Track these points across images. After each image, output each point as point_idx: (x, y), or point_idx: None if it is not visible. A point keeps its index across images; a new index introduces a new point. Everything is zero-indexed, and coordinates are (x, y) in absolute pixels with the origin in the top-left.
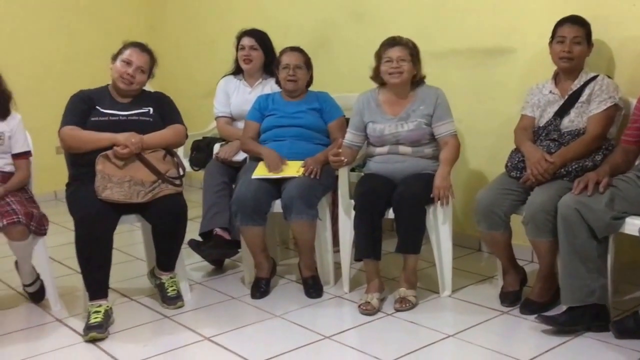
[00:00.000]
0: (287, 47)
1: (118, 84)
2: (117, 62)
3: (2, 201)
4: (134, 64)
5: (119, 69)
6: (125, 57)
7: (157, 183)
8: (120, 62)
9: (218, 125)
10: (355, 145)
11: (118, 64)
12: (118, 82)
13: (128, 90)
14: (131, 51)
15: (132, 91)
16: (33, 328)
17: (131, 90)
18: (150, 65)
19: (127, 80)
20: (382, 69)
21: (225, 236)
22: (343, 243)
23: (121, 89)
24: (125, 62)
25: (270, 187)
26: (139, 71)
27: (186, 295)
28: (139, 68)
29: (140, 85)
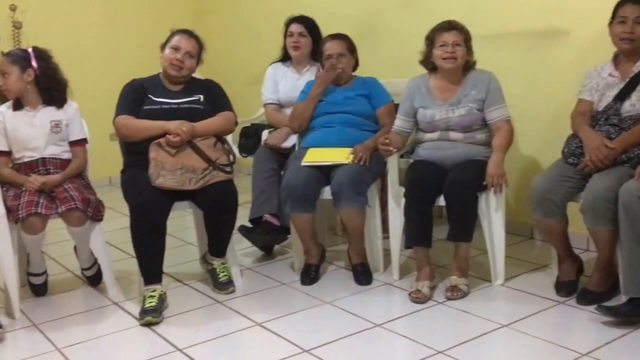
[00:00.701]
0: (327, 36)
1: (168, 71)
2: (165, 50)
3: (60, 188)
4: (182, 50)
5: (168, 56)
6: (174, 44)
7: (208, 170)
8: (169, 49)
9: (266, 112)
10: (404, 131)
11: (167, 51)
12: (168, 69)
13: (178, 76)
14: (179, 37)
15: (182, 77)
16: (91, 311)
17: (181, 76)
18: (198, 51)
19: (176, 66)
20: (436, 54)
21: (275, 222)
22: (393, 230)
23: (172, 76)
24: (174, 49)
25: (319, 174)
26: (187, 56)
27: (237, 280)
28: (188, 53)
29: (190, 70)
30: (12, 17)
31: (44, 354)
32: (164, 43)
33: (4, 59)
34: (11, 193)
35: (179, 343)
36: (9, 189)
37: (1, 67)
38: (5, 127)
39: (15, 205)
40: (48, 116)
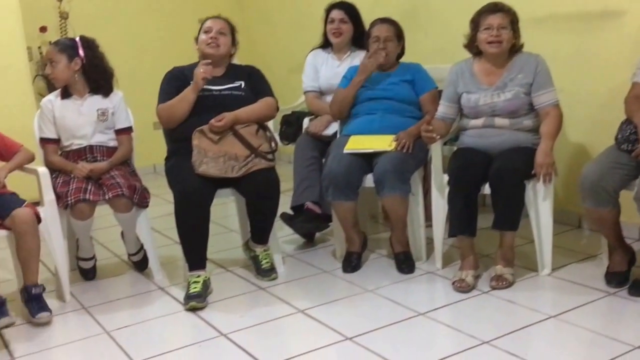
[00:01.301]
0: (377, 19)
1: (207, 51)
2: (200, 35)
3: (107, 175)
4: (213, 29)
5: (202, 39)
6: (205, 28)
7: (251, 158)
8: (202, 34)
9: (307, 99)
10: (448, 117)
11: (201, 36)
12: (206, 50)
13: (217, 54)
14: (208, 22)
15: (221, 56)
16: (137, 295)
17: (219, 54)
18: (230, 29)
19: (213, 44)
20: (480, 37)
21: (316, 210)
22: (436, 218)
23: (211, 55)
24: (206, 32)
25: (361, 161)
26: (219, 34)
27: (279, 267)
28: (219, 31)
29: (226, 47)
30: (59, 7)
31: (94, 337)
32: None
33: (52, 48)
34: (60, 180)
35: (223, 328)
36: (58, 176)
37: (49, 56)
38: (54, 115)
39: (64, 192)
40: (95, 104)
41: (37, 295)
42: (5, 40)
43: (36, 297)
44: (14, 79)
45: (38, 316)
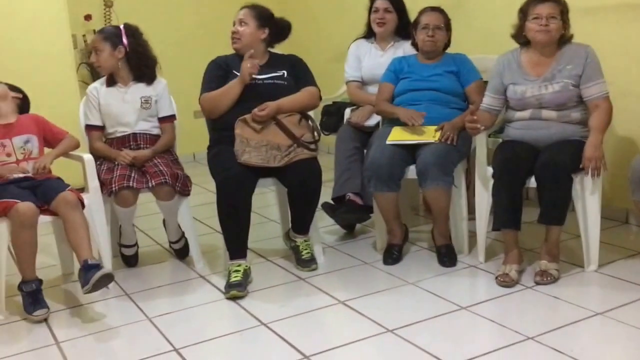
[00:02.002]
0: (427, 7)
1: (234, 47)
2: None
3: (150, 163)
4: (236, 23)
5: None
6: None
7: (293, 147)
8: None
9: (349, 89)
10: (493, 109)
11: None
12: (232, 46)
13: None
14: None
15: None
16: (178, 283)
17: (243, 46)
18: (253, 15)
19: (234, 39)
20: (528, 26)
21: (358, 201)
22: (479, 211)
23: (236, 50)
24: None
25: (404, 152)
26: (240, 25)
27: (319, 258)
28: (239, 21)
29: (248, 37)
30: None
31: (136, 323)
32: None
33: (96, 37)
34: (104, 167)
35: (263, 317)
36: (103, 163)
37: (94, 44)
38: (99, 102)
39: (108, 179)
40: (138, 92)
41: (94, 265)
42: (50, 29)
43: (94, 266)
44: (59, 67)
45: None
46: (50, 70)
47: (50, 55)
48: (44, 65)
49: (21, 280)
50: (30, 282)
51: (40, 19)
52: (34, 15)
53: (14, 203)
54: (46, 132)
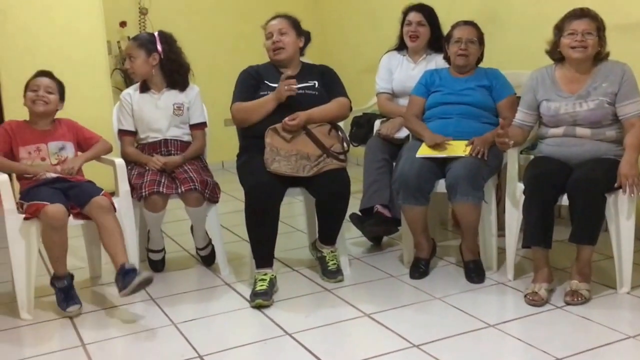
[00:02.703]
0: (460, 21)
1: (273, 58)
2: (265, 42)
3: (180, 169)
4: (274, 33)
5: (268, 46)
6: (267, 33)
7: (322, 157)
8: (266, 40)
9: (379, 101)
10: (526, 125)
11: (266, 43)
12: (273, 57)
13: (284, 58)
14: (268, 26)
15: (289, 58)
16: (204, 290)
17: (287, 56)
18: (291, 25)
19: (277, 49)
20: (564, 42)
21: (386, 213)
22: (509, 228)
23: (279, 60)
24: (268, 37)
25: (434, 166)
26: (280, 35)
27: (345, 269)
28: (280, 32)
29: (292, 46)
30: (139, 3)
31: (161, 328)
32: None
33: (131, 43)
34: (135, 172)
35: (288, 327)
36: (133, 168)
37: (129, 51)
38: (132, 108)
39: (138, 184)
40: (171, 99)
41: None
42: (86, 35)
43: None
44: (93, 72)
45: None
46: (85, 75)
47: (85, 60)
48: (79, 70)
49: (53, 275)
50: (62, 279)
51: (77, 25)
52: (71, 20)
53: (44, 205)
54: (79, 137)
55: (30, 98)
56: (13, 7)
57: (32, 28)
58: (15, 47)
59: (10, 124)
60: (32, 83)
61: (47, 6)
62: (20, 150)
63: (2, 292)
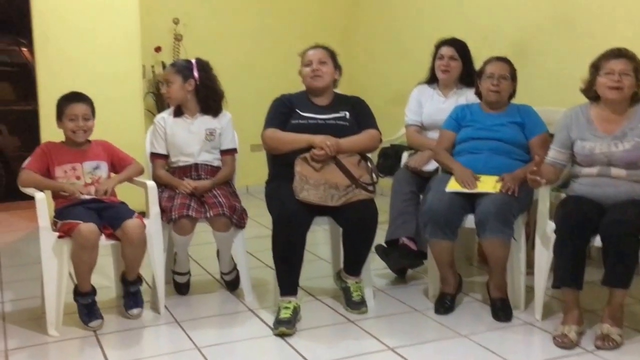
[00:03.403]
0: (493, 57)
1: (311, 84)
2: (302, 69)
3: (209, 193)
4: (314, 61)
5: (305, 72)
6: (306, 60)
7: (351, 188)
8: (304, 67)
9: (408, 133)
10: (559, 163)
11: (304, 69)
12: (310, 83)
13: (321, 85)
14: (309, 53)
15: (325, 86)
16: (228, 315)
17: (324, 84)
18: (330, 56)
19: (316, 76)
20: (600, 82)
21: (411, 246)
22: (539, 266)
23: (314, 87)
24: (307, 65)
25: (463, 201)
26: (320, 63)
27: (370, 301)
28: (320, 60)
29: (329, 76)
30: (175, 29)
31: (185, 351)
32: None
33: (169, 69)
34: (166, 194)
35: (310, 357)
36: (164, 191)
37: (166, 76)
38: (165, 132)
39: (169, 207)
40: (204, 124)
41: (134, 292)
42: (123, 58)
43: (133, 293)
44: (128, 95)
45: (130, 311)
46: (120, 97)
47: (120, 83)
48: (114, 92)
49: (76, 289)
50: (87, 295)
51: (114, 49)
52: (109, 44)
53: (77, 224)
54: (114, 158)
55: (71, 128)
56: (55, 31)
57: (72, 51)
58: (55, 69)
59: (47, 145)
60: (69, 111)
61: (87, 30)
62: (57, 169)
63: (31, 307)
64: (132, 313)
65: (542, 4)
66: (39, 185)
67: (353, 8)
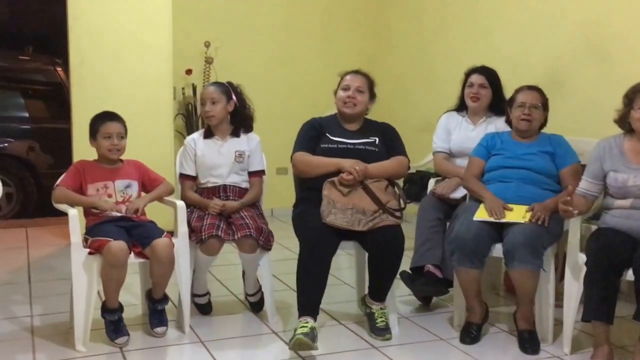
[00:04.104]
0: (524, 85)
1: (343, 110)
2: (338, 92)
3: (237, 215)
4: (352, 87)
5: (340, 96)
6: (344, 84)
7: (378, 213)
8: (340, 90)
9: (436, 160)
10: (590, 194)
11: (340, 92)
12: (342, 109)
13: (353, 113)
14: (348, 77)
15: (357, 114)
16: (251, 336)
17: (356, 113)
18: (369, 85)
19: (349, 104)
20: (634, 115)
21: (437, 274)
22: (568, 299)
23: (347, 114)
24: (344, 89)
25: (491, 229)
26: (357, 92)
27: (394, 328)
28: (357, 89)
29: (363, 105)
30: (206, 52)
31: None
32: (336, 88)
33: (214, 88)
34: (195, 215)
35: None
36: (194, 211)
37: (213, 95)
38: (195, 153)
39: (198, 227)
40: (234, 146)
41: (160, 310)
42: (155, 81)
43: (159, 311)
44: (158, 116)
45: (156, 330)
46: (151, 118)
47: (152, 104)
48: (146, 113)
49: (104, 305)
50: (114, 312)
51: (147, 72)
52: (141, 67)
53: (107, 241)
54: (145, 178)
55: (107, 147)
56: (91, 52)
57: (106, 73)
58: (89, 90)
59: (81, 163)
60: (104, 130)
61: (121, 52)
62: (89, 187)
63: (59, 321)
64: (158, 331)
65: (575, 35)
66: (72, 202)
67: (383, 33)
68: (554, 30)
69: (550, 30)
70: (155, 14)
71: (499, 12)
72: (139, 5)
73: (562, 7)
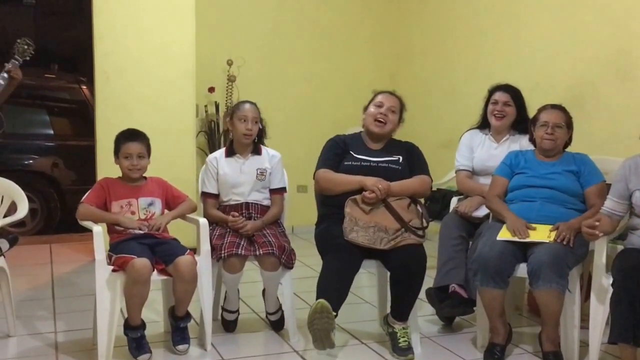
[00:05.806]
0: (548, 104)
1: (372, 128)
2: (369, 108)
3: (259, 232)
4: (385, 105)
5: (372, 112)
6: (377, 101)
7: (400, 232)
8: (372, 107)
9: (458, 178)
10: (616, 214)
11: (371, 109)
12: (371, 127)
13: (381, 132)
14: (381, 96)
15: (385, 134)
16: (272, 355)
17: (385, 132)
18: (400, 107)
19: (380, 122)
20: None
21: (463, 294)
22: (594, 320)
23: (375, 133)
24: (377, 106)
25: (515, 249)
26: (390, 111)
27: (416, 348)
28: (390, 108)
29: (393, 125)
30: (229, 71)
31: None
32: (367, 104)
33: (255, 108)
34: (217, 232)
35: None
36: (215, 228)
37: (255, 115)
38: (217, 172)
39: (219, 245)
40: (255, 164)
41: (182, 327)
42: (178, 98)
43: (182, 329)
44: (181, 133)
45: (178, 347)
46: (173, 135)
47: (175, 122)
48: (168, 131)
49: (127, 322)
50: (137, 329)
51: (170, 89)
52: (166, 85)
53: (131, 259)
54: (168, 195)
55: (127, 167)
56: (116, 69)
57: (130, 89)
58: (113, 107)
59: (106, 180)
60: (124, 149)
61: (145, 71)
62: (113, 204)
63: (82, 338)
64: (180, 349)
65: (599, 53)
66: (96, 219)
67: (404, 51)
68: (578, 49)
69: (575, 49)
70: (178, 33)
71: (522, 30)
72: (163, 25)
73: (586, 26)
